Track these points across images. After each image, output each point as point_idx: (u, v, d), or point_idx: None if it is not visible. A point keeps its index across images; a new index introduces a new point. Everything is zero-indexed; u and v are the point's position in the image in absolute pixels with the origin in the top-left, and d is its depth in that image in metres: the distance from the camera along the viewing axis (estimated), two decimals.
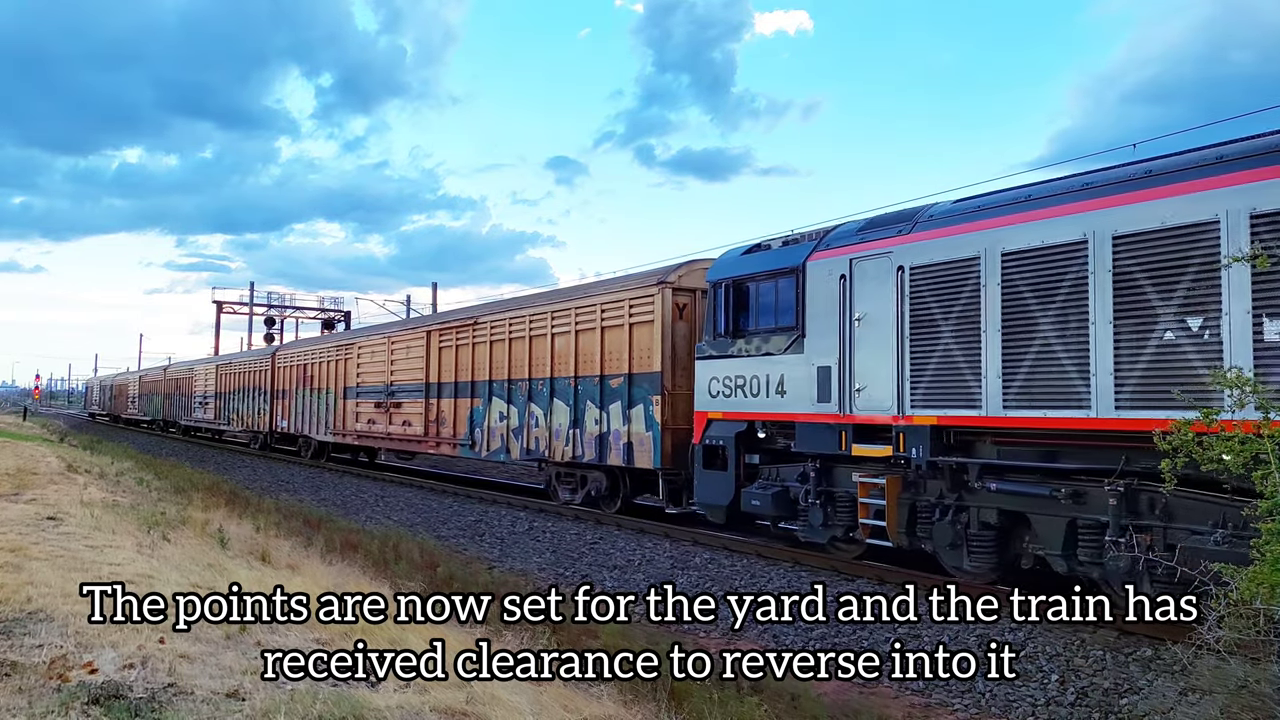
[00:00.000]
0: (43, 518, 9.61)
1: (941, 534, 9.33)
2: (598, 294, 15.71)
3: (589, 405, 15.28)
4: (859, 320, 10.20)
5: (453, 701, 4.55)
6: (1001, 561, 9.09)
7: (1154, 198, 7.71)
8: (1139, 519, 7.82)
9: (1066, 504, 8.28)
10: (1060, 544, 8.40)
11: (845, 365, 10.33)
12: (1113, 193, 8.10)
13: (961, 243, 9.20)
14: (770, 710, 6.33)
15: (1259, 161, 7.10)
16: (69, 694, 3.91)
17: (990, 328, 8.81)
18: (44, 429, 41.40)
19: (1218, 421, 5.48)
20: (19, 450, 20.87)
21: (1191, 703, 6.08)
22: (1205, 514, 7.31)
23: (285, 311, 60.16)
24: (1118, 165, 8.64)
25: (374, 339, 24.72)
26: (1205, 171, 7.48)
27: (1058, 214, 8.44)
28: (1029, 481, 8.67)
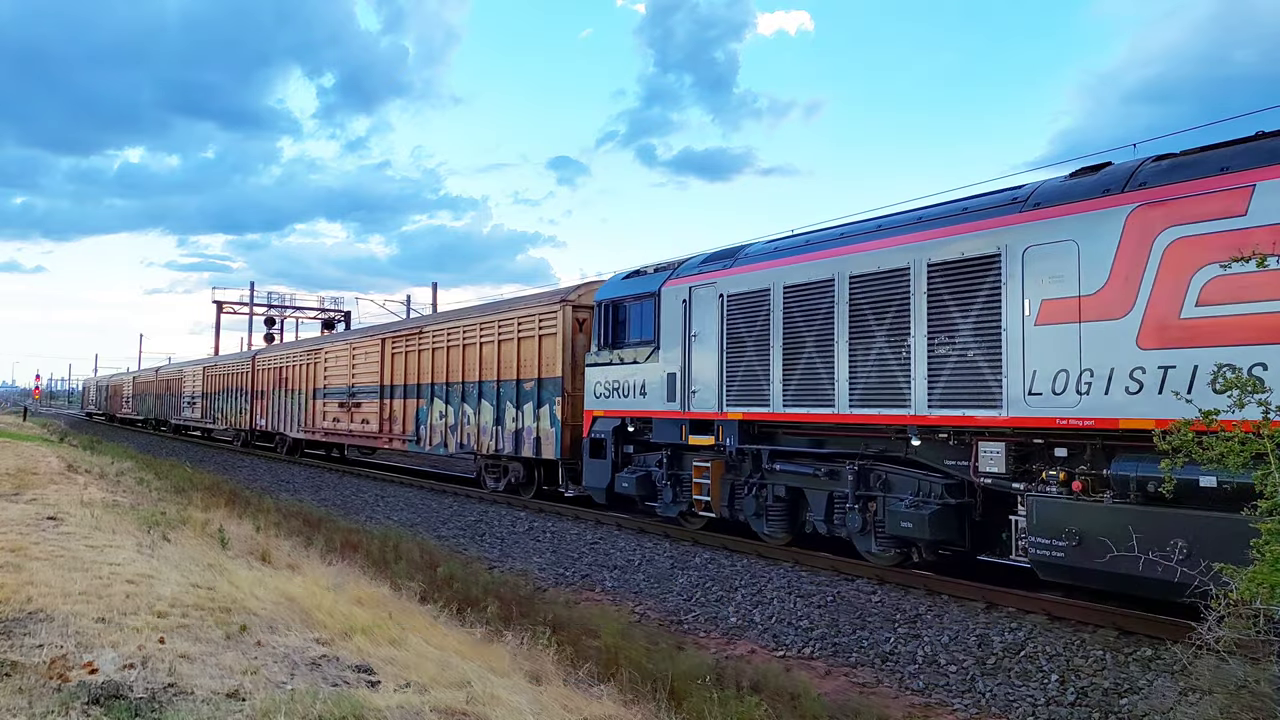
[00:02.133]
0: (43, 518, 9.61)
1: (748, 506, 11.70)
2: (516, 310, 18.04)
3: (508, 405, 17.54)
4: (695, 336, 12.47)
5: (453, 701, 4.55)
6: (791, 527, 11.43)
7: (877, 247, 10.03)
8: (869, 491, 10.14)
9: (826, 481, 10.68)
10: (823, 512, 10.74)
11: (685, 372, 12.57)
12: (850, 243, 10.45)
13: (760, 278, 11.46)
14: (770, 710, 6.33)
15: (1023, 207, 8.76)
16: (69, 694, 3.91)
17: (775, 344, 11.09)
18: (44, 429, 41.40)
19: (1217, 421, 5.48)
20: (19, 450, 20.88)
21: (1191, 703, 6.08)
22: (907, 486, 9.73)
23: (285, 311, 60.09)
24: (861, 220, 10.95)
25: (339, 345, 27.07)
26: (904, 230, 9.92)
27: (819, 258, 10.75)
28: (804, 464, 10.98)
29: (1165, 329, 7.43)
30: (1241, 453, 5.14)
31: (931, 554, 9.82)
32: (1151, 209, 7.62)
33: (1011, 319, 8.51)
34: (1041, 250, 8.35)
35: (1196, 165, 7.60)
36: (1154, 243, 7.57)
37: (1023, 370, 8.38)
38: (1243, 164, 7.25)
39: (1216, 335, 7.11)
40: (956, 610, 8.64)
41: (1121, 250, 7.78)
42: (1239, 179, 7.19)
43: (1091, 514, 7.71)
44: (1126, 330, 7.67)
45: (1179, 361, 7.30)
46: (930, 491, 9.48)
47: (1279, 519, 4.97)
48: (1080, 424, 7.91)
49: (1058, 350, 8.13)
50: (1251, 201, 7.04)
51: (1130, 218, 7.74)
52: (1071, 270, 8.09)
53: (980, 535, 9.41)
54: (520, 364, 17.37)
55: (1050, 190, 8.66)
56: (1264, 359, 6.77)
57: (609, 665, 7.23)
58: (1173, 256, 7.44)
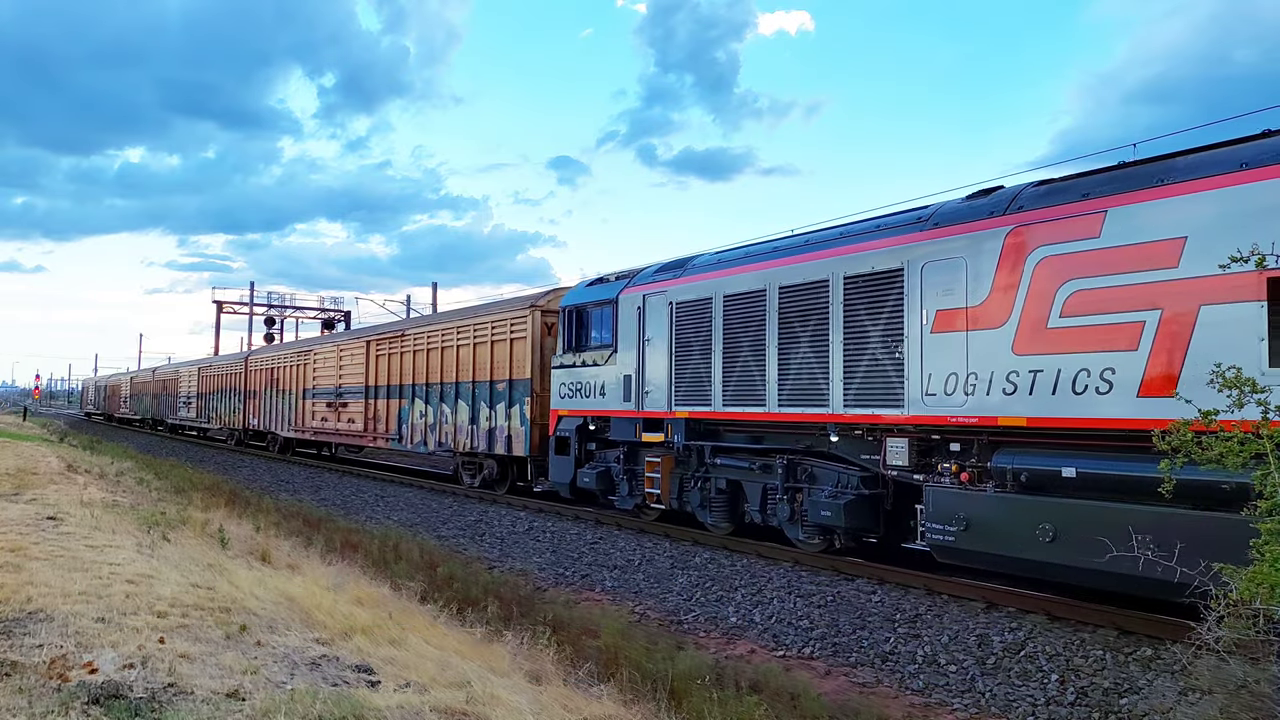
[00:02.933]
0: (43, 518, 9.61)
1: (694, 498, 12.63)
2: (490, 314, 19.01)
3: (482, 405, 18.43)
4: (648, 341, 13.31)
5: (453, 701, 4.55)
6: (732, 517, 12.31)
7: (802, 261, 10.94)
8: (796, 483, 11.06)
9: (760, 474, 11.59)
10: (759, 503, 11.66)
11: (640, 374, 13.43)
12: (780, 257, 11.33)
13: (704, 287, 12.36)
14: (770, 710, 6.33)
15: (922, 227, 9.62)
16: (69, 694, 3.91)
17: (716, 348, 11.98)
18: (44, 429, 41.40)
19: (1220, 421, 5.48)
20: (19, 450, 20.87)
21: (1191, 703, 6.08)
22: (828, 478, 10.65)
23: (285, 311, 60.05)
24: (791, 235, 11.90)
25: (326, 347, 28.12)
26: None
27: (754, 270, 11.59)
28: (742, 459, 11.86)
29: (1035, 337, 8.29)
30: (1241, 453, 5.14)
31: (851, 540, 10.71)
32: (1025, 230, 8.51)
33: (912, 327, 9.40)
34: (937, 266, 9.23)
35: (1064, 192, 8.44)
36: (1027, 260, 8.45)
37: (921, 373, 9.28)
38: (1099, 192, 8.09)
39: (1076, 343, 7.98)
40: (956, 610, 8.64)
41: (1000, 267, 8.66)
42: (1095, 205, 8.03)
43: (977, 502, 8.61)
44: (1004, 338, 8.54)
45: (1046, 366, 8.19)
46: (847, 483, 10.42)
47: (1279, 519, 4.97)
48: (967, 421, 8.84)
49: (949, 356, 9.01)
50: (1104, 225, 7.90)
51: (1008, 237, 8.63)
52: (961, 284, 8.97)
53: (892, 523, 10.21)
54: (493, 366, 18.19)
55: (947, 211, 9.52)
56: (1112, 364, 7.71)
57: (609, 665, 7.23)
58: (1041, 273, 8.33)
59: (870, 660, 8.04)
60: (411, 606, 8.35)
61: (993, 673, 7.38)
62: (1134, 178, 7.99)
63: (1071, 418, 7.94)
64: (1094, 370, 7.77)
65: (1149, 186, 7.80)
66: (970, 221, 9.08)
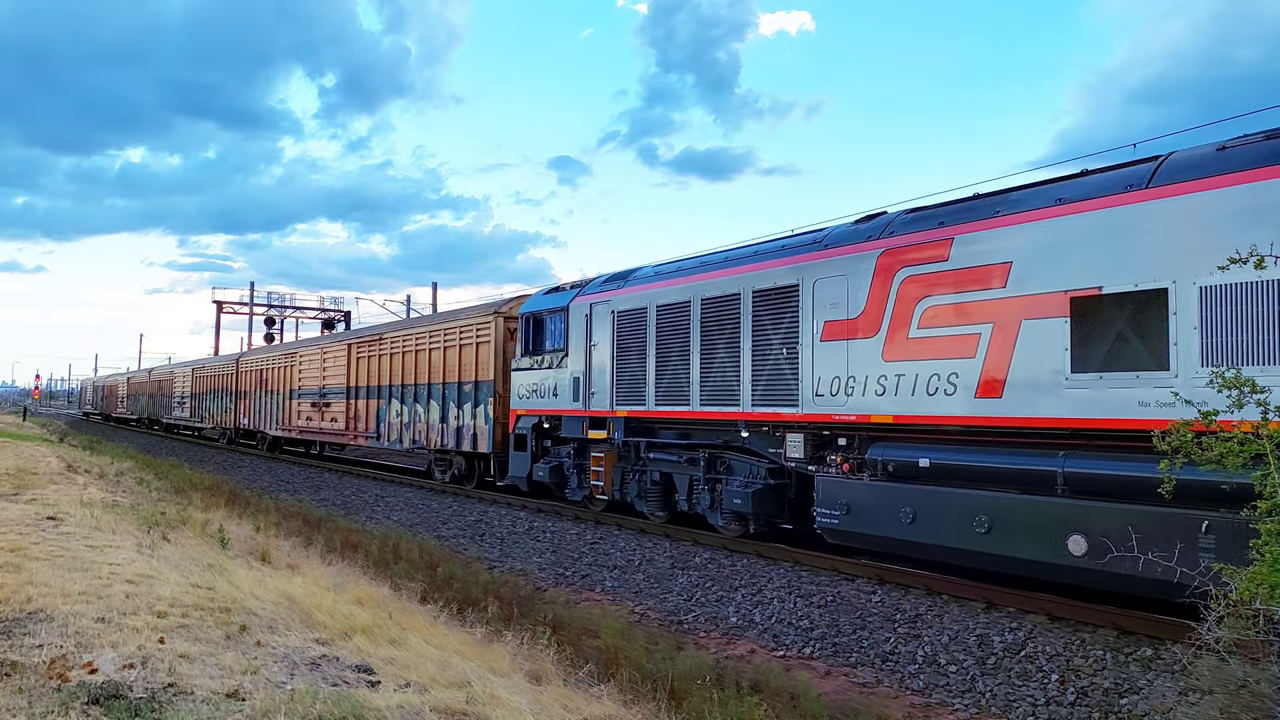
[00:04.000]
0: (43, 518, 9.60)
1: (633, 489, 13.93)
2: (458, 319, 20.17)
3: (451, 405, 19.51)
4: (594, 346, 14.42)
5: (453, 701, 4.55)
6: (666, 506, 13.45)
7: (720, 275, 12.07)
8: (715, 474, 12.30)
9: (687, 467, 12.79)
10: (686, 493, 12.89)
11: (587, 376, 14.57)
12: (704, 271, 12.49)
13: (641, 297, 13.51)
14: (770, 710, 6.33)
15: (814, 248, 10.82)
16: (69, 694, 3.91)
17: (650, 353, 13.14)
18: (44, 429, 41.41)
19: (1217, 422, 5.48)
20: (19, 450, 20.87)
21: (1191, 703, 6.08)
22: (741, 470, 11.94)
23: (285, 311, 60.01)
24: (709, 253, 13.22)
25: (311, 349, 29.31)
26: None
27: (682, 283, 12.78)
28: (672, 453, 13.06)
29: (899, 346, 9.52)
30: (1241, 453, 5.14)
31: (761, 525, 11.80)
32: (893, 253, 9.70)
33: (805, 336, 10.62)
34: (826, 282, 10.44)
35: (925, 220, 9.64)
36: (894, 279, 9.63)
37: (812, 377, 10.50)
38: (950, 220, 9.28)
39: (930, 351, 9.19)
40: (956, 610, 8.64)
41: (874, 284, 9.84)
42: (946, 232, 9.20)
43: (855, 489, 9.88)
44: (876, 346, 9.77)
45: (907, 371, 9.40)
46: (757, 474, 11.68)
47: (1279, 519, 4.97)
48: (847, 419, 10.10)
49: (834, 361, 10.24)
50: (951, 250, 9.07)
51: (880, 259, 9.82)
52: (844, 299, 10.18)
53: (796, 509, 11.37)
54: (461, 368, 19.31)
55: (836, 234, 10.75)
56: (956, 370, 8.91)
57: (609, 665, 7.23)
58: (904, 290, 9.51)
59: (870, 660, 8.04)
60: (411, 606, 8.35)
61: (993, 673, 7.38)
62: (977, 209, 9.16)
63: (926, 415, 9.21)
64: (943, 375, 9.05)
65: (986, 217, 8.96)
66: (852, 244, 10.31)
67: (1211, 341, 7.16)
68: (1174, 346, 7.33)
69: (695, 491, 12.67)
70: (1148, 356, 7.49)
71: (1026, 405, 8.26)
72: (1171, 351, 7.34)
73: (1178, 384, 7.25)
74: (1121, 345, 7.68)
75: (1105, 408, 7.69)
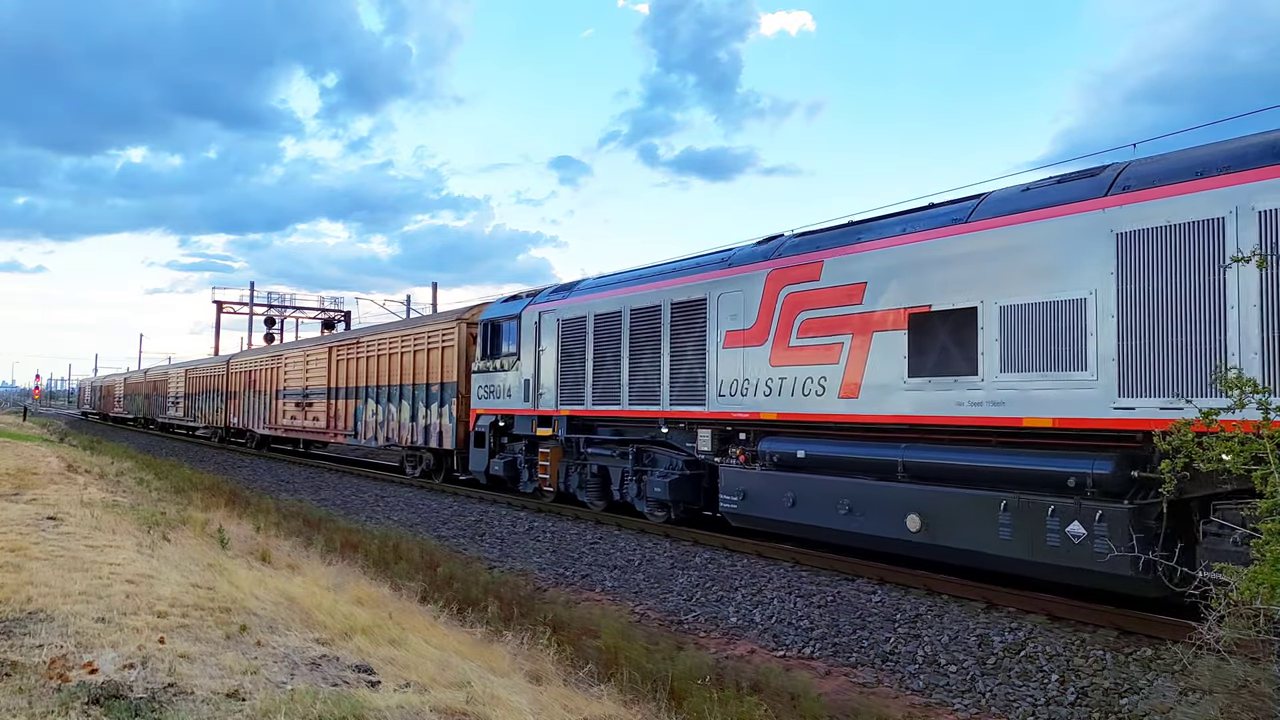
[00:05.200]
0: (43, 518, 9.60)
1: (576, 482, 15.24)
2: (427, 325, 21.75)
3: (420, 405, 20.83)
4: (542, 351, 15.73)
5: (453, 701, 4.55)
6: (604, 496, 14.70)
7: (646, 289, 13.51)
8: (642, 466, 13.78)
9: (619, 460, 14.19)
10: (619, 483, 14.20)
11: (535, 378, 15.92)
12: (633, 285, 13.87)
13: (582, 307, 14.84)
14: (770, 710, 6.33)
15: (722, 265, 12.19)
16: (69, 694, 3.91)
17: (589, 358, 14.47)
18: (44, 429, 41.39)
19: (1224, 422, 5.49)
20: (19, 450, 20.86)
21: (1191, 703, 6.08)
22: (663, 462, 13.43)
23: (285, 311, 59.98)
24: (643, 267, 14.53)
25: (295, 351, 30.72)
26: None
27: (616, 295, 14.08)
28: (607, 448, 14.51)
29: (783, 353, 10.85)
30: (1241, 453, 5.14)
31: (681, 511, 13.16)
32: (779, 272, 11.04)
33: (711, 344, 11.98)
34: (727, 297, 11.78)
35: (807, 244, 10.93)
36: (779, 295, 10.99)
37: (717, 379, 11.86)
38: (824, 245, 10.67)
39: (806, 358, 10.52)
40: (956, 610, 8.64)
41: (764, 299, 11.18)
42: (819, 255, 10.57)
43: (749, 478, 11.26)
44: (765, 353, 11.08)
45: (789, 374, 10.77)
46: (675, 466, 13.12)
47: (1279, 519, 4.97)
48: (743, 416, 11.46)
49: (734, 366, 11.58)
50: (823, 271, 10.47)
51: (769, 277, 11.16)
52: (741, 311, 11.50)
53: (709, 497, 12.52)
54: (429, 370, 20.60)
55: (740, 254, 12.08)
56: (825, 374, 10.26)
57: (609, 665, 7.23)
58: (787, 305, 10.88)
59: (870, 660, 8.03)
60: (411, 606, 8.35)
61: (993, 673, 7.37)
62: (845, 236, 10.48)
63: (803, 413, 10.62)
64: (814, 379, 10.42)
65: (850, 243, 10.28)
66: (749, 264, 11.64)
67: (1008, 351, 8.45)
68: (981, 355, 8.66)
69: (626, 482, 14.02)
70: (963, 363, 8.83)
71: (877, 405, 9.69)
72: (980, 360, 8.68)
73: (984, 386, 8.64)
74: (944, 354, 9.03)
75: (933, 407, 9.10)
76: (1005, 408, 8.41)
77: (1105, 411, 7.66)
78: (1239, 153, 7.20)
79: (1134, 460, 7.49)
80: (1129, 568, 7.22)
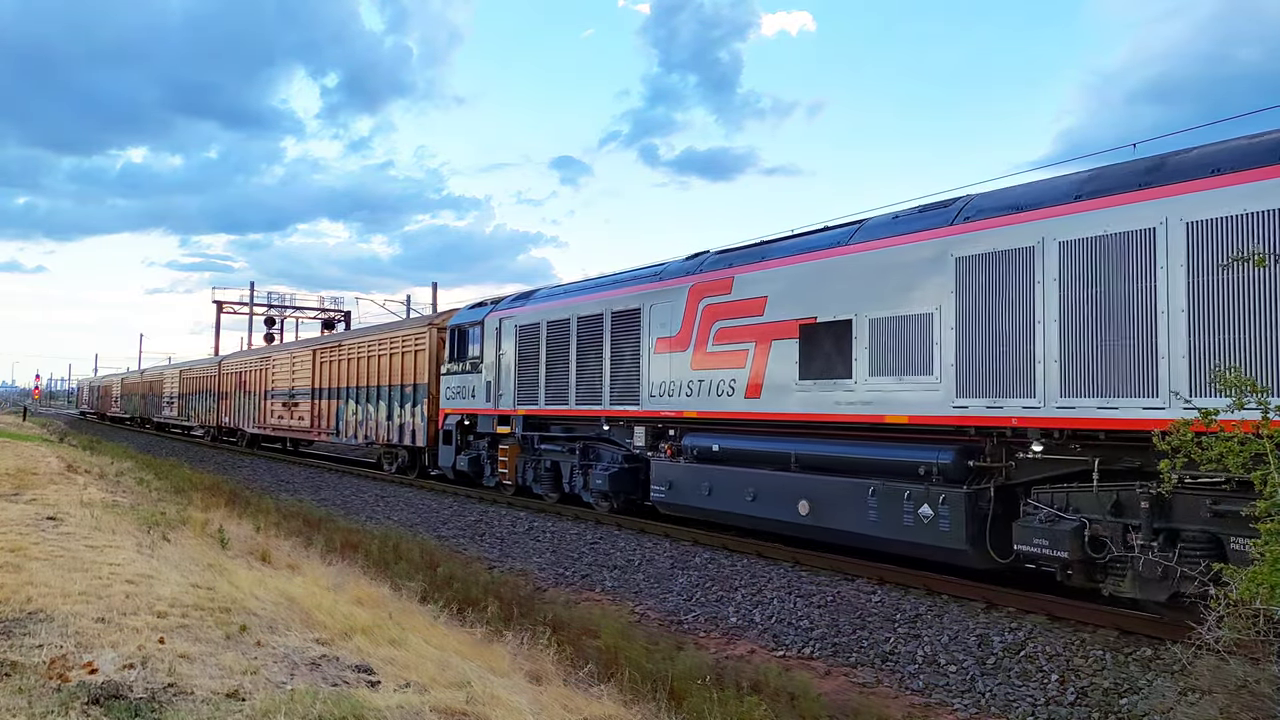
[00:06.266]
0: (43, 518, 9.60)
1: (530, 475, 16.63)
2: (401, 329, 23.42)
3: (395, 405, 22.23)
4: (502, 355, 17.12)
5: (453, 701, 4.55)
6: (556, 489, 15.99)
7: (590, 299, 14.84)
8: (587, 461, 15.06)
9: (568, 455, 15.58)
10: (569, 477, 15.58)
11: (496, 380, 17.30)
12: (580, 295, 15.32)
13: (537, 314, 16.25)
14: (770, 710, 6.33)
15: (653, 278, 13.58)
16: (69, 694, 3.91)
17: (542, 361, 15.79)
18: (44, 429, 41.36)
19: (1217, 421, 5.49)
20: (19, 450, 20.86)
21: (1191, 703, 6.08)
22: (606, 456, 14.72)
23: (285, 311, 59.96)
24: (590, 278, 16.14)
25: (283, 354, 32.07)
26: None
27: (566, 304, 15.53)
28: (557, 444, 15.89)
29: (701, 358, 12.21)
30: (1241, 453, 5.14)
31: (621, 501, 14.27)
32: (699, 286, 12.43)
33: (644, 349, 13.29)
34: (658, 307, 13.11)
35: (725, 262, 12.27)
36: (699, 306, 12.35)
37: (649, 381, 13.18)
38: (736, 263, 12.00)
39: (720, 363, 11.89)
40: (956, 610, 8.64)
41: (687, 310, 12.54)
42: (731, 272, 11.93)
43: (674, 470, 12.68)
44: (687, 359, 12.46)
45: (706, 377, 12.13)
46: (615, 459, 14.38)
47: (1279, 519, 4.97)
48: (670, 414, 12.82)
49: (663, 369, 12.89)
50: (733, 286, 11.80)
51: (691, 290, 12.55)
52: (669, 320, 12.85)
53: (645, 489, 13.51)
54: (403, 372, 21.97)
55: (670, 269, 13.45)
56: (734, 377, 11.55)
57: (609, 665, 7.23)
58: (705, 315, 12.23)
59: (870, 660, 8.03)
60: (411, 606, 8.34)
61: (993, 673, 7.37)
62: (752, 254, 11.82)
63: (717, 412, 11.94)
64: (726, 381, 11.73)
65: (756, 261, 11.61)
66: (677, 278, 12.95)
67: (875, 358, 9.76)
68: (855, 361, 10.00)
69: (575, 475, 15.25)
70: (841, 368, 10.15)
71: (775, 404, 10.99)
72: (854, 365, 10.01)
73: (856, 388, 9.97)
74: (827, 360, 10.33)
75: (819, 405, 10.43)
76: (873, 406, 9.80)
77: (947, 410, 9.02)
78: (1046, 192, 8.49)
79: (970, 451, 8.88)
80: (965, 542, 8.65)
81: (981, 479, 8.77)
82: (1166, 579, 7.15)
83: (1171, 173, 7.58)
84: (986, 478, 8.75)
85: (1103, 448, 7.85)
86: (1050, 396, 8.05)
